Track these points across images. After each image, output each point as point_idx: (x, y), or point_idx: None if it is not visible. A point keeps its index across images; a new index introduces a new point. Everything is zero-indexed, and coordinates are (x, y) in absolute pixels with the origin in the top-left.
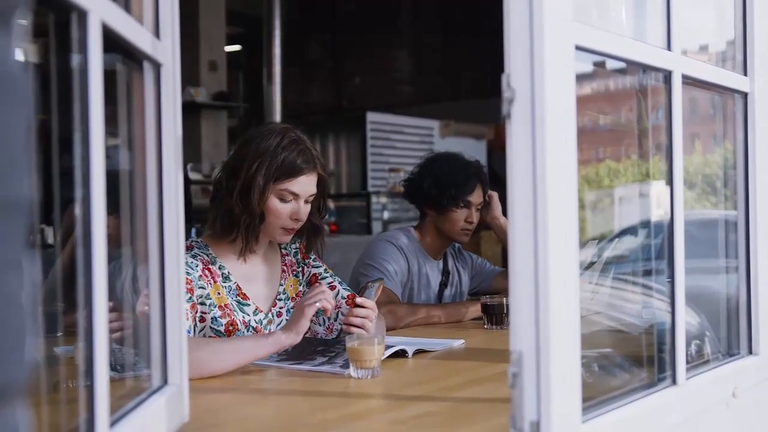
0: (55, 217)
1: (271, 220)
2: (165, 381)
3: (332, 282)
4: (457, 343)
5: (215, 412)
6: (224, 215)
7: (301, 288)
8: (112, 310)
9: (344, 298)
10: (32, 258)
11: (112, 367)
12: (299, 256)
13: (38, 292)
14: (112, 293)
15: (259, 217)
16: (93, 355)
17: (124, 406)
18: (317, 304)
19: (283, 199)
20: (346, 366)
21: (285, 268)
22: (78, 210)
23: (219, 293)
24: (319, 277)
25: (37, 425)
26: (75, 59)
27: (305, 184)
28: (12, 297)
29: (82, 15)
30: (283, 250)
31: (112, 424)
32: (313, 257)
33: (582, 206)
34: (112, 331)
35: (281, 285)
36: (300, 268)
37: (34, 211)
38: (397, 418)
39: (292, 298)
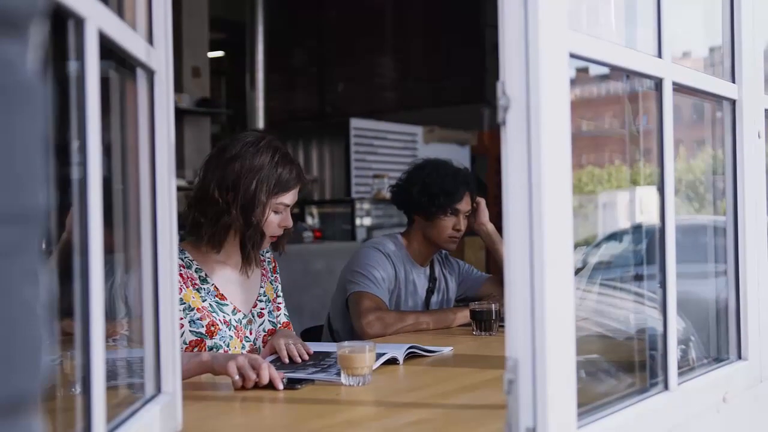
0: (51, 224)
1: (264, 231)
2: (158, 390)
3: (280, 303)
4: (447, 350)
5: (208, 420)
6: (222, 230)
7: (275, 294)
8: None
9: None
10: (46, 268)
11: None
12: (271, 266)
13: (54, 301)
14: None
15: (262, 232)
16: (90, 364)
17: (119, 415)
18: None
19: (276, 212)
20: (340, 375)
21: (264, 272)
22: (69, 218)
23: (194, 297)
24: (275, 293)
25: None
26: (71, 66)
27: (295, 195)
28: (29, 307)
29: (80, 22)
30: (260, 255)
31: None
32: (278, 272)
33: None
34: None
35: (261, 287)
36: (272, 276)
37: (45, 222)
38: (392, 426)
39: (272, 301)
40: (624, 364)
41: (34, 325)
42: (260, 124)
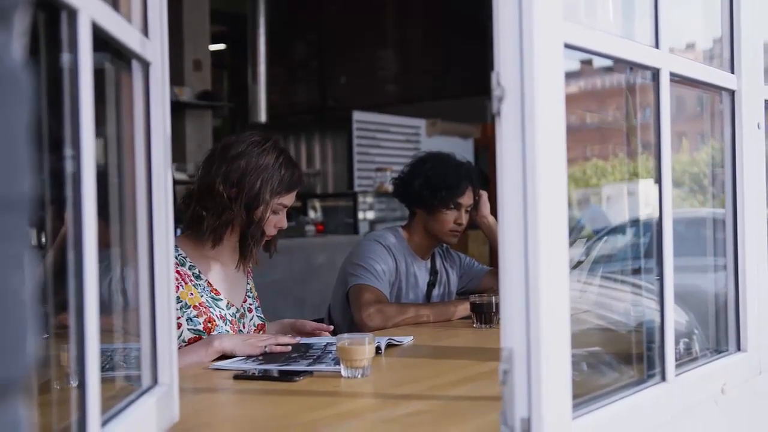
0: (44, 217)
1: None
2: (155, 381)
3: (258, 304)
4: (407, 340)
5: (205, 412)
6: (224, 225)
7: (256, 292)
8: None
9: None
10: (32, 255)
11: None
12: (251, 266)
13: (38, 289)
14: (100, 294)
15: (262, 230)
16: (84, 356)
17: (115, 406)
18: (266, 349)
19: (275, 212)
20: (338, 363)
21: (249, 270)
22: (68, 211)
23: (192, 293)
24: (256, 291)
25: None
26: (64, 58)
27: (293, 197)
28: (15, 293)
29: (72, 14)
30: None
31: (103, 423)
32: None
33: (569, 205)
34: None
35: (248, 284)
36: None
37: (30, 210)
38: (389, 417)
39: (256, 297)
40: (623, 356)
41: (20, 311)
42: (262, 117)
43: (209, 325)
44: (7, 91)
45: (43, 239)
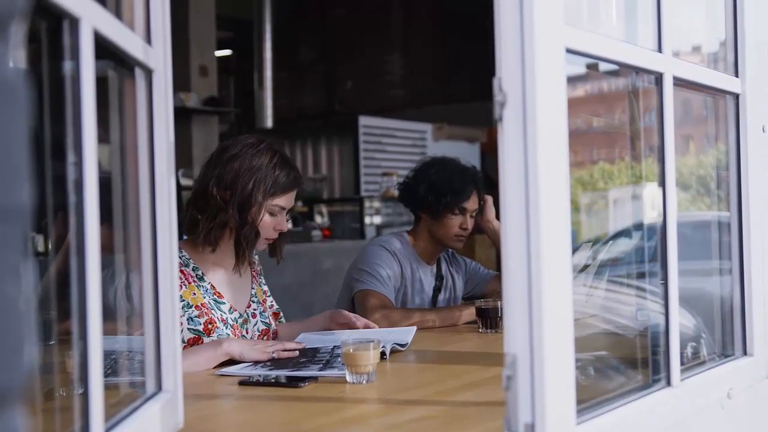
0: (48, 224)
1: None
2: (159, 388)
3: (269, 299)
4: (411, 334)
5: (210, 418)
6: (218, 227)
7: (264, 296)
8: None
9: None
10: (29, 264)
11: (105, 374)
12: (259, 269)
13: (35, 298)
14: (105, 301)
15: (256, 231)
16: (87, 362)
17: (119, 412)
18: (273, 355)
19: (272, 213)
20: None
21: (254, 274)
22: (71, 218)
23: (194, 293)
24: (264, 294)
25: None
26: (67, 66)
27: (292, 198)
28: (11, 302)
29: (74, 22)
30: (252, 256)
31: (107, 430)
32: (262, 275)
33: (576, 209)
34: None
35: (253, 289)
36: (260, 279)
37: (30, 219)
38: (393, 423)
39: (262, 302)
40: (629, 361)
41: (17, 320)
42: (268, 122)
43: (209, 326)
44: (4, 100)
45: (50, 246)
